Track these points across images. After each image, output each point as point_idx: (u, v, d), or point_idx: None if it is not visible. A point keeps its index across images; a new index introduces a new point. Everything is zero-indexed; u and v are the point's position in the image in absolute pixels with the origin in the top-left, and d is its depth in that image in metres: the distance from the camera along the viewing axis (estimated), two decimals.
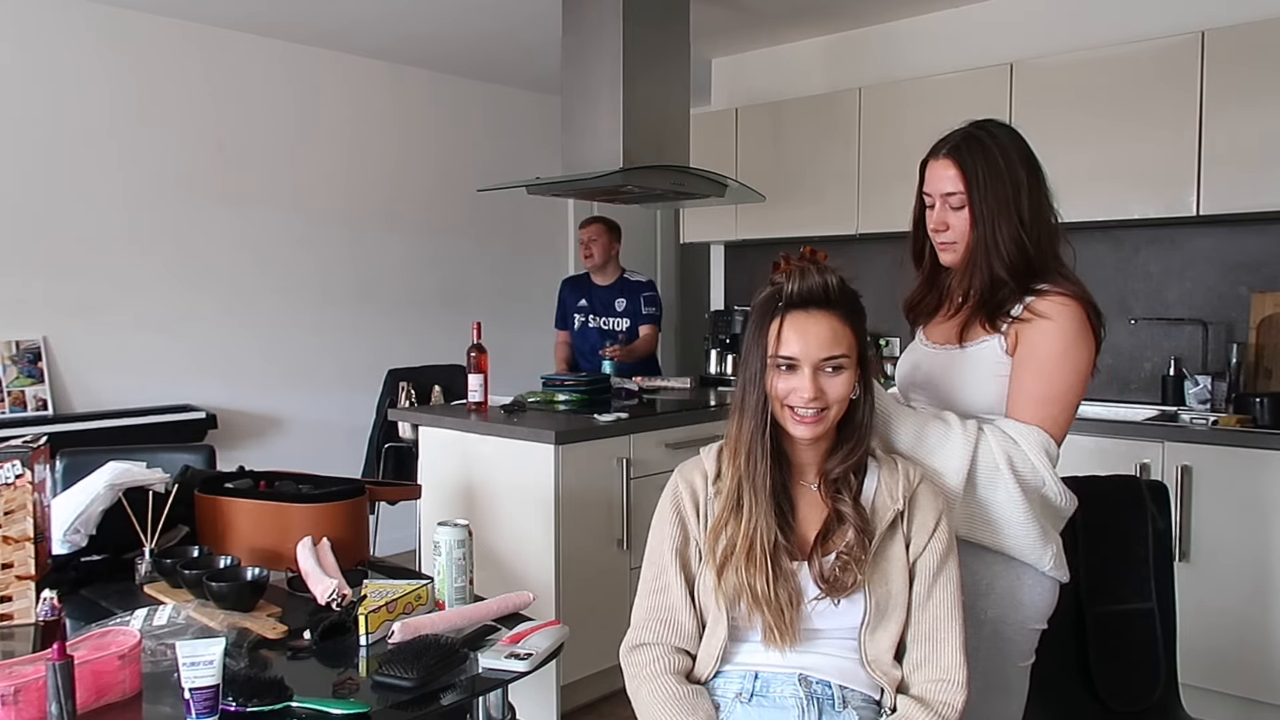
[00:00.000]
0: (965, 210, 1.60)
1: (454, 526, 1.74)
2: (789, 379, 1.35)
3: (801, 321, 1.34)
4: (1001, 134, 1.61)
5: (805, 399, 1.33)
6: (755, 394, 1.37)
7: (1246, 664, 2.85)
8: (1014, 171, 1.58)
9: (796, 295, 1.35)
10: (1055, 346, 1.53)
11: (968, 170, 1.59)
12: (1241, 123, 3.11)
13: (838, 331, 1.34)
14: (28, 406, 3.71)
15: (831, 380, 1.34)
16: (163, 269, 4.10)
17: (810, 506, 1.42)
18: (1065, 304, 1.54)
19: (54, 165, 3.78)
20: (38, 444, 1.72)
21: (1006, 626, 1.58)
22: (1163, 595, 1.91)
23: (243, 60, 4.33)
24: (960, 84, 3.70)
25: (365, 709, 1.28)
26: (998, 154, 1.58)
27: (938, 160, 1.63)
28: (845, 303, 1.37)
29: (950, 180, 1.60)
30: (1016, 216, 1.58)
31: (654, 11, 3.48)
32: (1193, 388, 3.40)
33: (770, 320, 1.36)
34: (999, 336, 1.59)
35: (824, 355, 1.33)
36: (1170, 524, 2.02)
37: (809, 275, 1.35)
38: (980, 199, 1.58)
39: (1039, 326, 1.54)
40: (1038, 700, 1.78)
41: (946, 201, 1.62)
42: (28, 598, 1.63)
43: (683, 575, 1.41)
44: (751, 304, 1.42)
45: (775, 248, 4.73)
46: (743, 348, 1.43)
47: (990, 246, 1.58)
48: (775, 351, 1.34)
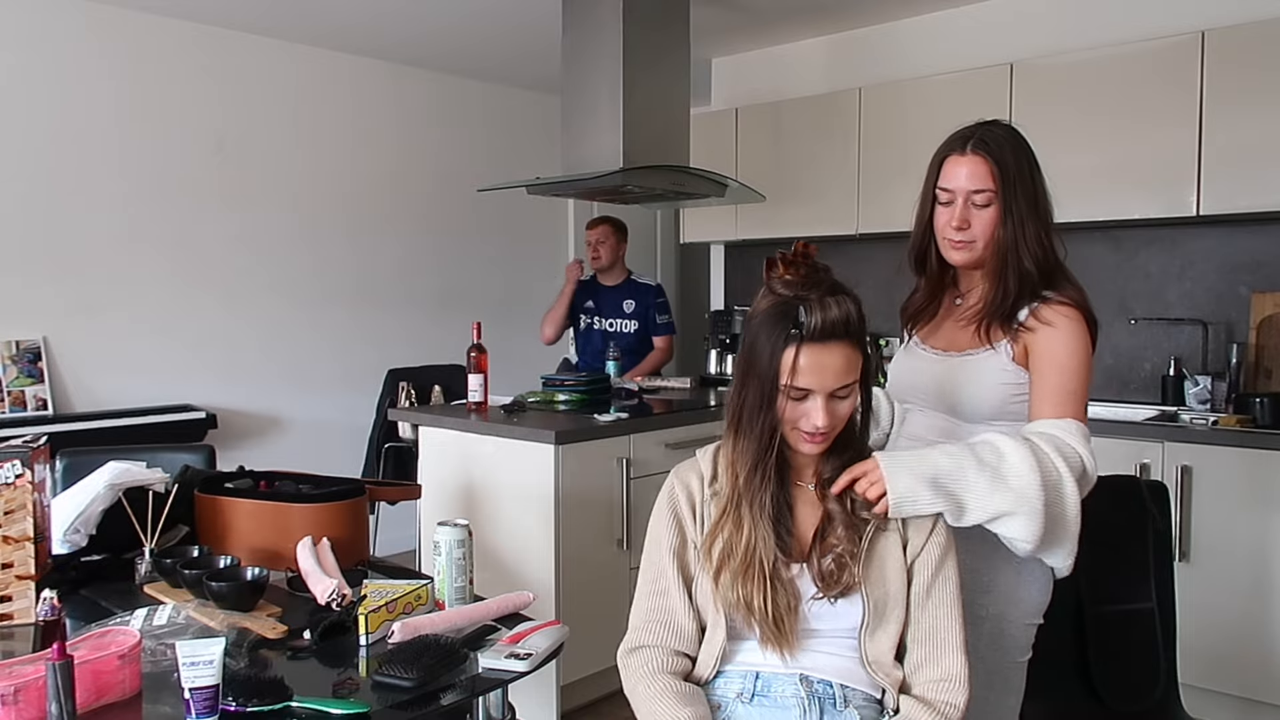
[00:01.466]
0: (991, 209, 1.57)
1: (454, 526, 1.74)
2: (800, 405, 1.33)
3: (819, 355, 1.30)
4: (1016, 135, 1.60)
5: (817, 426, 1.32)
6: (763, 418, 1.34)
7: (1246, 664, 2.85)
8: (1034, 171, 1.59)
9: (818, 330, 1.30)
10: (1071, 347, 1.53)
11: (1001, 166, 1.56)
12: (1241, 123, 3.11)
13: (851, 360, 1.33)
14: (28, 406, 3.71)
15: (841, 404, 1.35)
16: (163, 269, 4.10)
17: (807, 505, 1.42)
18: (1068, 313, 1.55)
19: (54, 165, 3.78)
20: (38, 444, 1.72)
21: (1007, 623, 1.58)
22: (1163, 595, 1.91)
23: (243, 60, 4.33)
24: (960, 84, 3.70)
25: (365, 709, 1.28)
26: (1020, 153, 1.58)
27: (965, 155, 1.58)
28: (860, 330, 1.34)
29: (980, 177, 1.56)
30: (1041, 216, 1.58)
31: (654, 11, 3.48)
32: (1193, 388, 3.40)
33: (784, 348, 1.31)
34: (1006, 344, 1.58)
35: (838, 386, 1.32)
36: (1170, 524, 2.02)
37: (829, 308, 1.30)
38: (1011, 196, 1.56)
39: (1049, 335, 1.54)
40: (1038, 700, 1.78)
41: (971, 199, 1.58)
42: (28, 598, 1.63)
43: (681, 577, 1.41)
44: (753, 311, 1.38)
45: (775, 248, 4.72)
46: (740, 358, 1.39)
47: (1022, 244, 1.56)
48: (790, 383, 1.31)
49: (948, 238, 1.61)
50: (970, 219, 1.58)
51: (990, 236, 1.58)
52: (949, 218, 1.60)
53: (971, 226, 1.58)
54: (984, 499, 1.40)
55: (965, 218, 1.58)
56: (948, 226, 1.60)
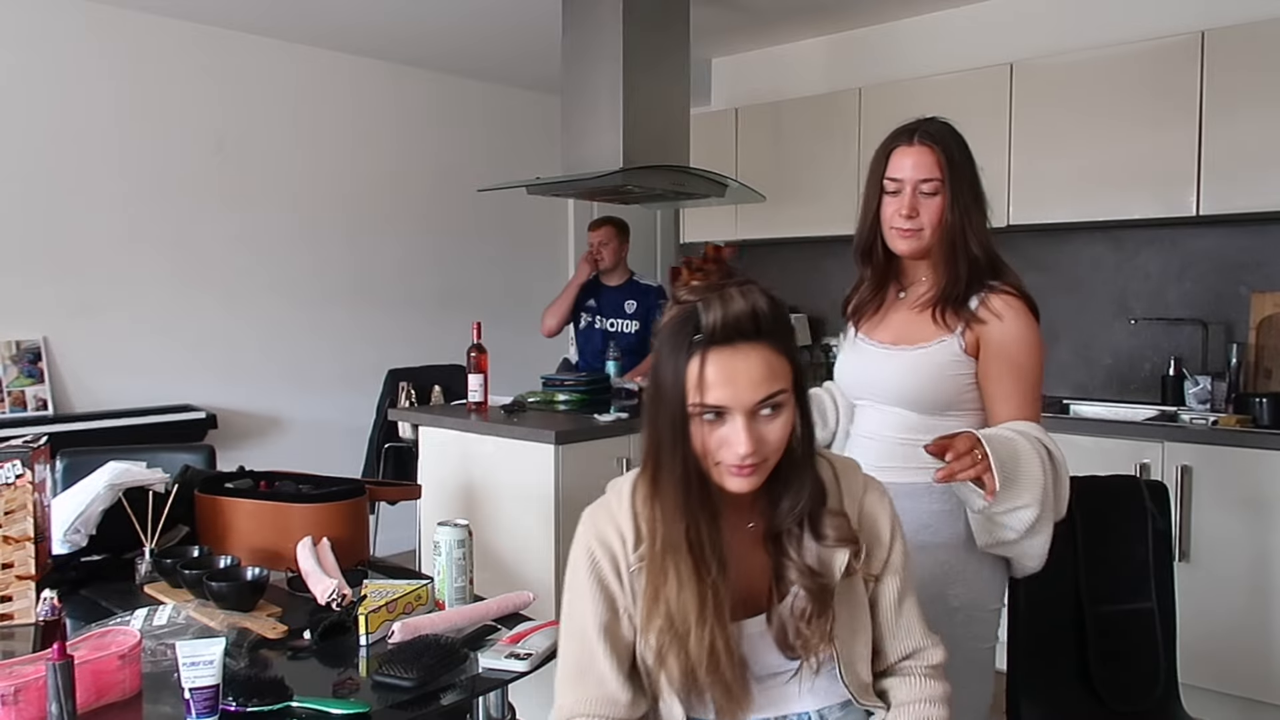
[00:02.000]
0: (938, 198, 1.61)
1: (454, 526, 1.74)
2: (717, 430, 1.10)
3: (728, 361, 1.08)
4: (955, 130, 1.66)
5: (741, 454, 1.09)
6: (675, 451, 1.12)
7: (1246, 664, 2.85)
8: (974, 165, 1.65)
9: (719, 329, 1.08)
10: (1024, 342, 1.59)
11: (948, 156, 1.61)
12: (1241, 123, 3.11)
13: (772, 365, 1.09)
14: (28, 406, 3.71)
15: (770, 425, 1.10)
16: (163, 269, 4.10)
17: (753, 549, 1.20)
18: (1015, 305, 1.60)
19: (54, 165, 3.78)
20: (38, 444, 1.72)
21: (977, 610, 1.62)
22: (1163, 595, 1.91)
23: (243, 60, 4.33)
24: (960, 84, 3.70)
25: (365, 709, 1.28)
26: (962, 147, 1.64)
27: (912, 146, 1.62)
28: (778, 328, 1.11)
29: (927, 166, 1.61)
30: (981, 208, 1.64)
31: (654, 11, 3.48)
32: (1193, 388, 3.39)
33: (687, 359, 1.09)
34: (956, 336, 1.62)
35: (759, 398, 1.09)
36: (1170, 524, 2.02)
37: (731, 300, 1.08)
38: (958, 185, 1.61)
39: (1001, 329, 1.59)
40: (1038, 700, 1.78)
41: (919, 188, 1.62)
42: (28, 598, 1.63)
43: (614, 656, 1.17)
44: (655, 330, 1.17)
45: (776, 248, 4.76)
46: (647, 385, 1.17)
47: (969, 231, 1.61)
48: (699, 400, 1.08)
49: (896, 227, 1.65)
50: (919, 207, 1.62)
51: (938, 224, 1.62)
52: (898, 207, 1.63)
53: (920, 215, 1.62)
54: (1034, 490, 1.46)
55: (914, 206, 1.62)
56: (896, 215, 1.64)
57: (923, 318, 1.66)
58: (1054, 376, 3.82)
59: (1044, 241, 3.78)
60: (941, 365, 1.62)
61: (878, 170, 1.67)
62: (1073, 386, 3.78)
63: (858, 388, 1.76)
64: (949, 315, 1.62)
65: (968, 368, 1.62)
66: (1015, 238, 3.82)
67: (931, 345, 1.63)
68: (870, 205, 1.69)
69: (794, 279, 4.53)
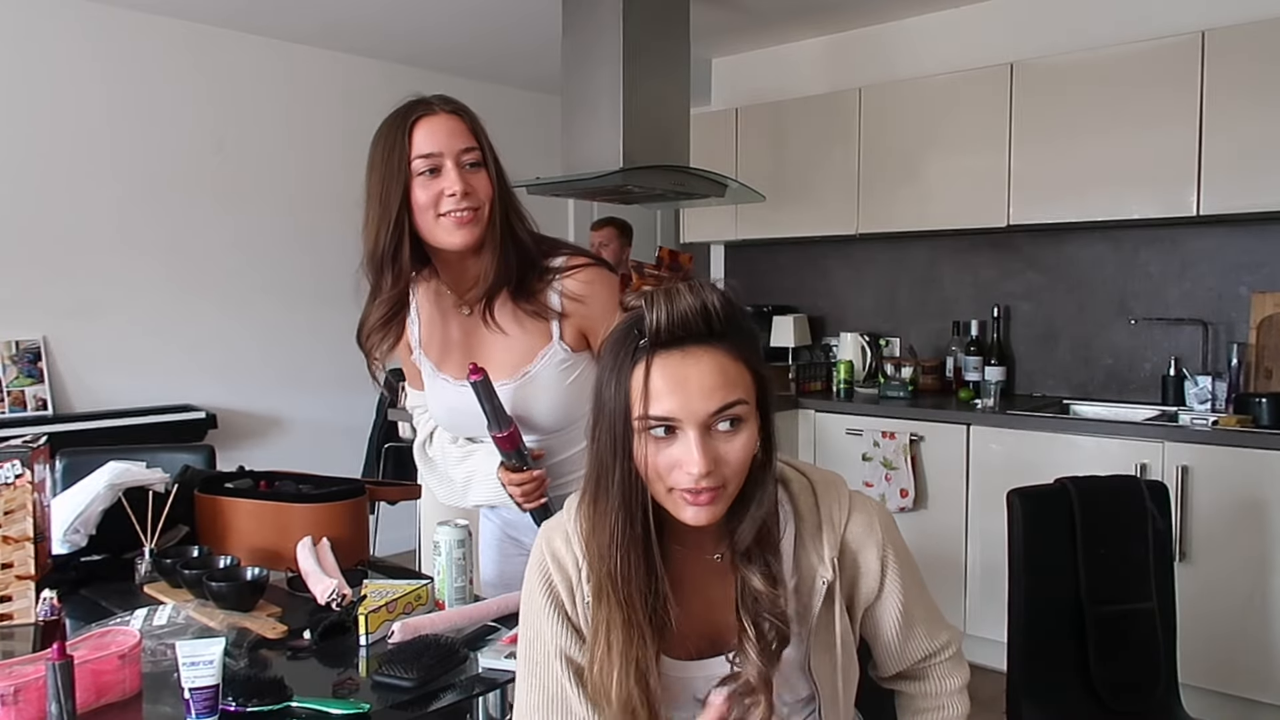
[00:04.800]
0: (483, 171, 1.40)
1: (454, 526, 1.74)
2: (668, 449, 0.97)
3: (677, 366, 0.95)
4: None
5: (696, 475, 0.95)
6: (617, 472, 0.99)
7: (1246, 664, 2.85)
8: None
9: (665, 329, 0.95)
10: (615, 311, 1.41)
11: (475, 123, 1.41)
12: (1241, 123, 3.10)
13: (729, 372, 0.96)
14: (28, 406, 3.71)
15: (729, 442, 0.97)
16: (162, 269, 4.10)
17: (720, 580, 1.07)
18: (590, 275, 1.46)
19: (52, 165, 3.78)
20: (38, 444, 1.72)
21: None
22: (1163, 595, 1.91)
23: (240, 60, 4.32)
24: (960, 84, 3.70)
25: (365, 709, 1.28)
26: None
27: (439, 115, 1.41)
28: (734, 329, 0.98)
29: (464, 134, 1.39)
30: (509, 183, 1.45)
31: (654, 11, 3.48)
32: (1193, 388, 3.39)
33: (631, 366, 0.97)
34: (556, 341, 1.50)
35: (714, 408, 0.95)
36: (1170, 524, 2.03)
37: (678, 297, 0.95)
38: (494, 158, 1.41)
39: (591, 309, 1.46)
40: (1038, 700, 1.78)
41: (461, 160, 1.39)
42: (28, 598, 1.63)
43: (579, 684, 1.08)
44: (601, 343, 1.06)
45: (776, 247, 4.76)
46: (591, 402, 1.04)
47: (514, 211, 1.43)
48: (644, 411, 0.95)
49: (448, 211, 1.39)
50: (471, 182, 1.39)
51: (491, 201, 1.40)
52: (444, 186, 1.38)
53: (475, 190, 1.39)
54: None
55: (468, 181, 1.38)
56: (444, 198, 1.38)
57: (512, 335, 1.47)
58: (1054, 376, 3.83)
59: (1044, 241, 3.78)
60: (556, 377, 1.50)
61: (395, 150, 1.39)
62: (1073, 386, 3.78)
63: (466, 429, 1.60)
64: (533, 320, 1.44)
65: (576, 359, 1.50)
66: (1015, 238, 3.82)
67: (535, 365, 1.49)
68: (392, 198, 1.39)
69: (794, 279, 4.54)
